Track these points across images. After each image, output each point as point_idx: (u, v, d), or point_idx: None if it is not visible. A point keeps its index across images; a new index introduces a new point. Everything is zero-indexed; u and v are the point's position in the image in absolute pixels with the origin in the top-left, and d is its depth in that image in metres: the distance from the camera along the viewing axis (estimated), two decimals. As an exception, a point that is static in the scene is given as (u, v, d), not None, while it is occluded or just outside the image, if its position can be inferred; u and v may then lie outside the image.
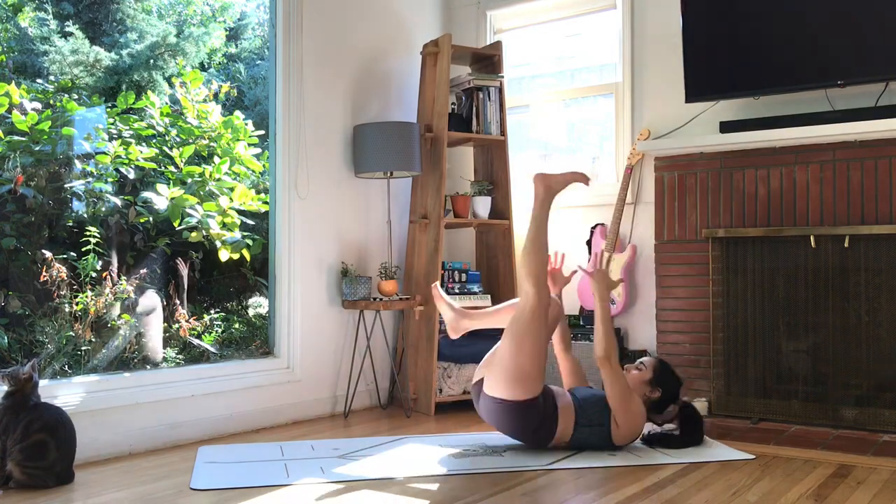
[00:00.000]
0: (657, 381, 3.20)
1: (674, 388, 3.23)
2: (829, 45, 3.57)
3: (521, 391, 2.96)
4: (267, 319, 4.10)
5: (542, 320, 3.00)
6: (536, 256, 3.04)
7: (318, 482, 2.71)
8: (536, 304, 2.97)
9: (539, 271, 3.01)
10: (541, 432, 3.05)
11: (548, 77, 4.72)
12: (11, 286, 3.60)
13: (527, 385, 2.96)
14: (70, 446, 2.72)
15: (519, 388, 2.96)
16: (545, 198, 3.15)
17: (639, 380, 3.20)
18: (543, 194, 3.16)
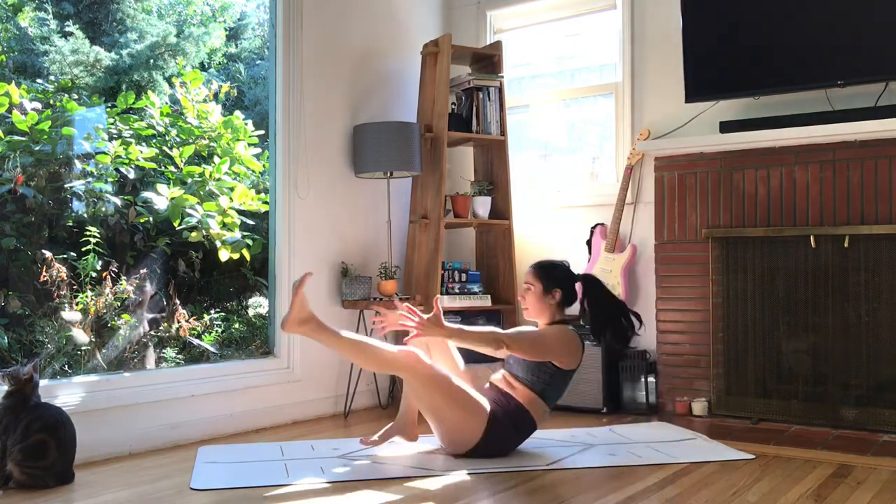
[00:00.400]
0: (547, 284, 3.12)
1: (563, 274, 3.16)
2: (829, 45, 3.57)
3: (475, 426, 2.92)
4: (267, 319, 4.10)
5: (429, 376, 2.90)
6: (366, 359, 2.97)
7: (318, 482, 2.71)
8: (414, 375, 2.90)
9: (381, 362, 2.94)
10: (522, 423, 3.02)
11: (548, 77, 4.71)
12: (11, 286, 3.60)
13: (472, 417, 2.92)
14: (70, 446, 2.71)
15: (471, 426, 2.92)
16: (310, 331, 2.98)
17: (537, 300, 3.13)
18: (307, 331, 2.98)
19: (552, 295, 3.12)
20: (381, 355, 2.92)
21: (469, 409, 2.92)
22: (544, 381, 3.03)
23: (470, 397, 2.94)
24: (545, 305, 3.13)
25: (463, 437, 2.95)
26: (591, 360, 3.95)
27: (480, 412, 2.93)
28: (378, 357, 2.92)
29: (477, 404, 2.94)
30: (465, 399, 2.92)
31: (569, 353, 3.05)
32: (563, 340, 3.05)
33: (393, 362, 2.91)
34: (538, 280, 3.14)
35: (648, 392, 3.94)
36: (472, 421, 2.92)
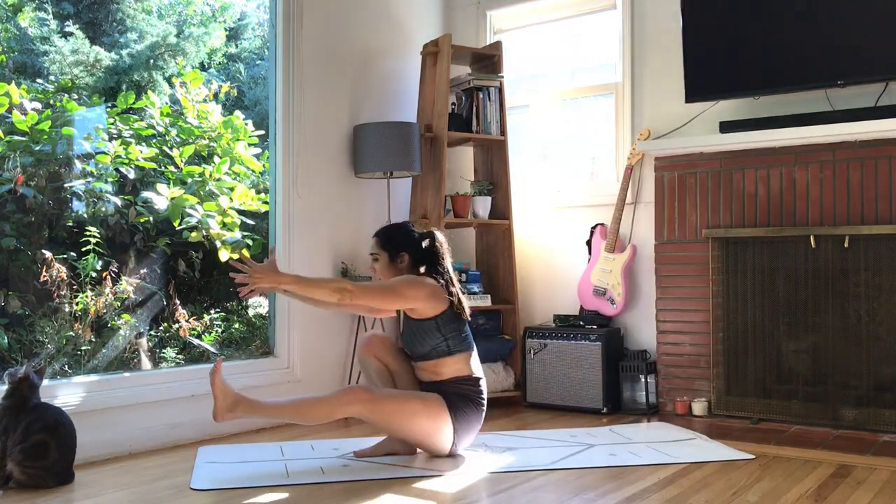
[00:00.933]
0: (393, 249, 3.05)
1: (405, 238, 3.08)
2: (829, 45, 3.57)
3: (442, 423, 2.89)
4: (267, 319, 4.10)
5: (378, 404, 2.84)
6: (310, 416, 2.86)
7: (318, 482, 2.71)
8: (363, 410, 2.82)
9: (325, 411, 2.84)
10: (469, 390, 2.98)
11: (548, 77, 4.71)
12: (11, 286, 3.60)
13: (435, 418, 2.88)
14: (70, 446, 2.71)
15: (439, 426, 2.89)
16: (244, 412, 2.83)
17: (386, 268, 3.05)
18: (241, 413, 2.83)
19: (400, 259, 3.05)
20: (323, 406, 2.83)
21: (428, 411, 2.88)
22: (441, 340, 2.96)
23: (423, 400, 2.91)
24: (396, 271, 3.05)
25: (439, 438, 2.93)
26: (591, 360, 3.95)
27: (439, 408, 2.89)
28: (320, 408, 2.84)
29: (431, 402, 2.90)
30: (420, 406, 2.88)
31: (426, 295, 2.93)
32: (412, 283, 2.95)
33: (338, 406, 2.83)
34: (382, 249, 3.06)
35: (648, 392, 3.95)
36: (437, 421, 2.89)
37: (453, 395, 2.95)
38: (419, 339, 2.99)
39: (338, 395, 2.84)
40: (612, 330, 4.06)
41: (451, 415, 2.91)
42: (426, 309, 2.95)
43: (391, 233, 3.12)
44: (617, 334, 4.11)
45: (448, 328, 2.98)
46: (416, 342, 3.01)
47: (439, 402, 2.91)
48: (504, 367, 4.23)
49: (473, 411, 2.98)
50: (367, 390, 2.87)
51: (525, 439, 3.35)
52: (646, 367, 3.94)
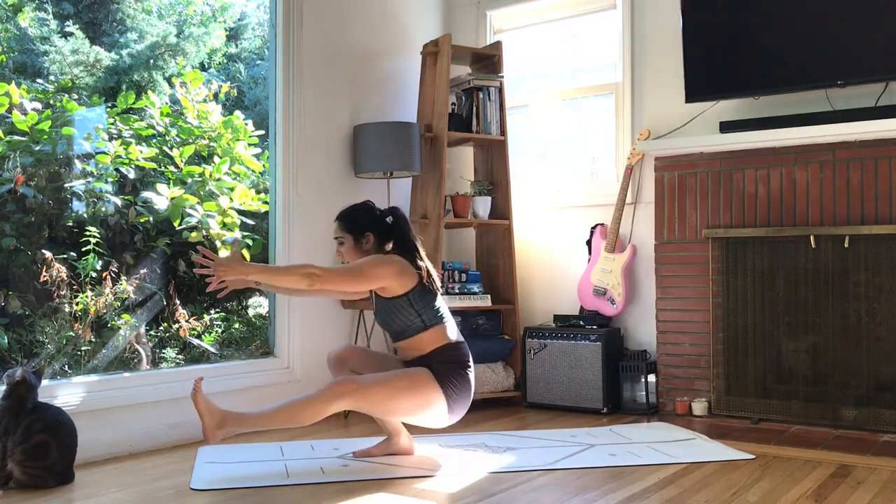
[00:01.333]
0: (357, 231, 3.01)
1: (368, 217, 3.03)
2: (829, 45, 3.57)
3: (432, 395, 2.85)
4: (267, 319, 4.10)
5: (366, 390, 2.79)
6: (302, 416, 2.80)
7: (318, 482, 2.71)
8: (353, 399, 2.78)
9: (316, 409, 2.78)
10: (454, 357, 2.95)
11: (548, 77, 4.71)
12: (11, 286, 3.60)
13: (424, 391, 2.84)
14: (71, 446, 2.72)
15: (430, 398, 2.85)
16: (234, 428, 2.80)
17: (353, 250, 3.01)
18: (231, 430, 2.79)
19: (366, 240, 3.00)
20: (312, 405, 2.78)
21: (416, 385, 2.83)
22: (415, 316, 2.93)
23: (409, 376, 2.86)
24: (362, 252, 3.00)
25: (434, 410, 2.88)
26: (591, 360, 3.95)
27: (426, 380, 2.85)
28: (310, 408, 2.78)
29: (418, 376, 2.86)
30: (407, 381, 2.84)
31: (394, 273, 2.89)
32: (379, 262, 2.90)
33: (326, 403, 2.77)
34: (346, 231, 3.02)
35: (648, 392, 3.95)
36: (428, 392, 2.84)
37: (438, 365, 2.90)
38: (392, 317, 2.96)
39: (325, 391, 2.78)
40: (612, 330, 4.06)
41: (440, 383, 2.86)
42: (396, 286, 2.90)
43: (353, 214, 3.05)
44: (617, 334, 4.11)
45: (420, 304, 2.94)
46: (389, 320, 2.98)
47: (426, 373, 2.87)
48: (504, 367, 4.23)
49: (461, 376, 2.93)
50: (352, 380, 2.80)
51: (525, 439, 3.35)
52: (646, 367, 3.94)
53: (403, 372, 2.91)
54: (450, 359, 2.94)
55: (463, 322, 4.11)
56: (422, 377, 2.87)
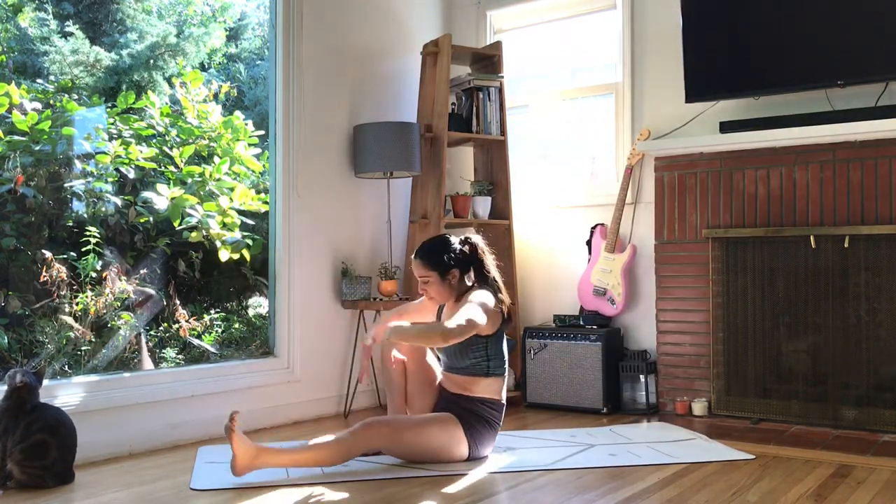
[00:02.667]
0: (443, 268, 2.97)
1: (449, 252, 2.98)
2: (829, 45, 3.57)
3: (457, 445, 2.89)
4: (267, 319, 4.10)
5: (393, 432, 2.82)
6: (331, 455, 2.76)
7: (318, 482, 2.71)
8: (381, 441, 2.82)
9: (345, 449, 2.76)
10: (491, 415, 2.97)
11: (548, 77, 4.71)
12: (11, 286, 3.60)
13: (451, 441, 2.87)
14: (70, 446, 2.72)
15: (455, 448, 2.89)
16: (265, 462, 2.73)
17: (440, 287, 2.98)
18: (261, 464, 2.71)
19: (451, 276, 2.97)
20: (343, 446, 2.75)
21: (446, 435, 2.87)
22: (484, 359, 2.95)
23: (440, 424, 2.89)
24: (449, 288, 2.99)
25: (453, 458, 2.91)
26: (591, 360, 3.95)
27: (455, 432, 2.88)
28: (341, 449, 2.75)
29: (448, 425, 2.89)
30: (438, 429, 2.87)
31: (494, 312, 2.91)
32: (486, 300, 2.89)
33: (358, 445, 2.77)
34: (430, 269, 2.97)
35: (648, 392, 3.94)
36: (454, 444, 2.89)
37: (472, 415, 2.94)
38: (463, 352, 2.96)
39: (356, 432, 2.76)
40: (612, 330, 4.06)
41: (467, 435, 2.91)
42: (489, 327, 2.90)
43: (435, 251, 3.00)
44: (617, 334, 4.11)
45: (494, 348, 2.98)
46: (457, 353, 2.97)
47: (455, 423, 2.90)
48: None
49: (489, 433, 2.98)
50: (385, 423, 2.84)
51: (525, 439, 3.35)
52: (646, 367, 3.94)
53: (435, 420, 2.91)
54: (487, 416, 2.97)
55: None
56: (451, 427, 2.89)
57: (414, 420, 2.92)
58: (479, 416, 2.95)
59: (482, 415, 2.95)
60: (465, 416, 2.93)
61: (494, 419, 2.99)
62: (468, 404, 2.96)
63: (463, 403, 2.96)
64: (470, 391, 2.97)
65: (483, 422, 2.95)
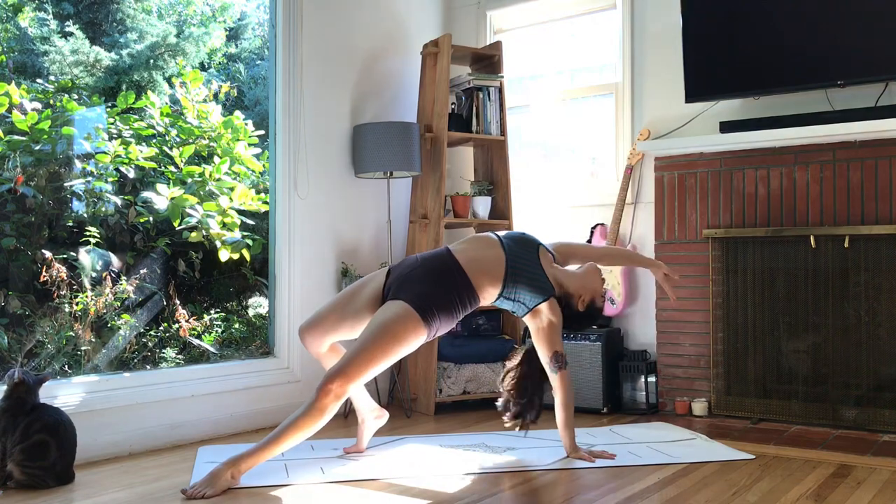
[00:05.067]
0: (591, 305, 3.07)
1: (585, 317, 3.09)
2: (829, 45, 3.57)
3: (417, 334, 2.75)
4: (267, 319, 4.10)
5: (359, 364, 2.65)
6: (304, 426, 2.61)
7: (318, 482, 2.71)
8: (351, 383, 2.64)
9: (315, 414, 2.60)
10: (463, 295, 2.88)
11: (548, 77, 4.71)
12: (11, 286, 3.60)
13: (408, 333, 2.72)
14: (70, 446, 2.72)
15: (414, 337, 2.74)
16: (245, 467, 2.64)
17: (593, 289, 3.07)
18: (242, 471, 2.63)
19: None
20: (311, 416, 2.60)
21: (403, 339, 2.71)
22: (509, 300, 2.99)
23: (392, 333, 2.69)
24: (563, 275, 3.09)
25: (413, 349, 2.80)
26: (591, 360, 3.95)
27: (412, 329, 2.72)
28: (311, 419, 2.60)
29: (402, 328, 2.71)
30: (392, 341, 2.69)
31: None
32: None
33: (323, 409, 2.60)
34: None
35: (648, 392, 3.95)
36: (412, 340, 2.74)
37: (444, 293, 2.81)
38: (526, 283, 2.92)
39: (316, 400, 2.59)
40: (612, 330, 4.06)
41: (426, 322, 2.75)
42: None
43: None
44: (617, 334, 4.11)
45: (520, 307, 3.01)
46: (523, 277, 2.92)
47: (410, 319, 2.72)
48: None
49: (447, 318, 2.84)
50: (338, 374, 2.61)
51: (525, 439, 3.35)
52: (646, 367, 3.94)
53: (383, 325, 2.70)
54: (460, 304, 2.85)
55: (463, 322, 4.11)
56: (405, 326, 2.71)
57: (366, 347, 2.67)
58: (452, 301, 2.83)
59: (457, 302, 2.84)
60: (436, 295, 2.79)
61: (462, 310, 2.88)
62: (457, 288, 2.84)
63: (452, 282, 2.84)
64: (478, 285, 2.89)
65: (451, 307, 2.82)
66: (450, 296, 2.84)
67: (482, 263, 2.92)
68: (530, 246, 3.04)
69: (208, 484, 2.56)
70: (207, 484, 2.56)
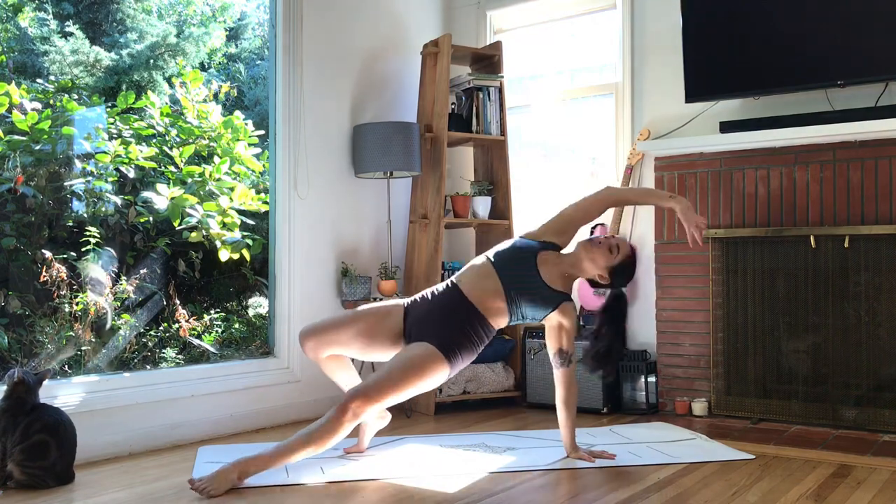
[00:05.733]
0: (615, 273, 3.03)
1: (621, 282, 3.08)
2: (829, 46, 3.57)
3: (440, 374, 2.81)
4: (267, 319, 4.10)
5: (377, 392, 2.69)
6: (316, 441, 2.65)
7: (318, 482, 2.71)
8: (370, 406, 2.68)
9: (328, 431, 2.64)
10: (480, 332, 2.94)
11: (548, 77, 4.71)
12: (11, 286, 3.60)
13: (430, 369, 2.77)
14: (70, 446, 2.72)
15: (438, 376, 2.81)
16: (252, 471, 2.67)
17: (602, 263, 3.01)
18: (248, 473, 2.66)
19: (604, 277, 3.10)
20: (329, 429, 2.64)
21: (425, 374, 2.75)
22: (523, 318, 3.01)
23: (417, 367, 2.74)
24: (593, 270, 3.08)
25: (432, 387, 2.84)
26: (591, 360, 3.95)
27: (435, 366, 2.77)
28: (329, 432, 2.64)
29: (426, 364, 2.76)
30: (415, 375, 2.73)
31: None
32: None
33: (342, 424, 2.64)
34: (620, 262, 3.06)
35: (648, 392, 3.94)
36: (434, 378, 2.79)
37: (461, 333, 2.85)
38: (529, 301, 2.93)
39: (335, 416, 2.64)
40: (612, 330, 4.06)
41: (449, 361, 2.80)
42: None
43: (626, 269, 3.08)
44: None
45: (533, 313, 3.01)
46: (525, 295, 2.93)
47: (434, 357, 2.78)
48: (504, 367, 4.23)
49: (469, 354, 2.88)
50: (362, 394, 2.66)
51: (525, 439, 3.36)
52: (646, 367, 3.94)
53: (410, 365, 2.76)
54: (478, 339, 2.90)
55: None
56: (428, 363, 2.77)
57: (393, 378, 2.72)
58: (470, 338, 2.87)
59: (474, 338, 2.88)
60: (455, 336, 2.84)
61: (482, 343, 2.93)
62: (471, 325, 2.89)
63: (466, 320, 2.89)
64: (490, 315, 2.92)
65: (469, 345, 2.87)
66: (466, 332, 2.89)
67: (484, 294, 2.94)
68: (527, 257, 2.98)
69: (214, 481, 2.56)
70: (213, 481, 2.56)
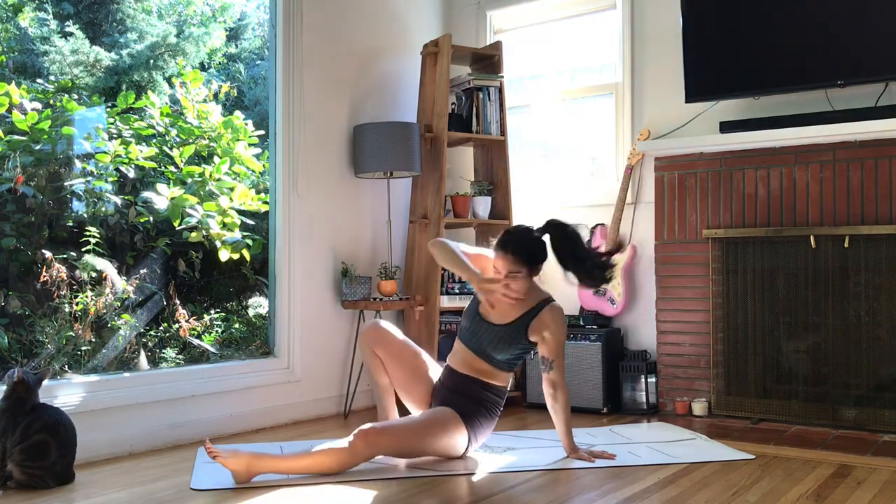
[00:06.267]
0: (536, 265, 2.90)
1: (543, 247, 2.88)
2: (829, 45, 3.57)
3: (457, 440, 2.91)
4: (267, 319, 4.10)
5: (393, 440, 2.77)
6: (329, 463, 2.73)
7: (319, 482, 2.71)
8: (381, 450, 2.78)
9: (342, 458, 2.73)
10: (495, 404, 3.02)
11: (548, 77, 4.71)
12: (11, 286, 3.60)
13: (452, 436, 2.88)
14: (70, 446, 2.72)
15: (455, 442, 2.91)
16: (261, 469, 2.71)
17: (526, 284, 2.89)
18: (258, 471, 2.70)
19: (537, 269, 2.93)
20: (342, 456, 2.72)
21: (446, 435, 2.88)
22: (517, 361, 3.05)
23: (439, 425, 2.87)
24: (532, 284, 2.96)
25: (452, 455, 2.95)
26: (591, 360, 3.95)
27: (456, 430, 2.90)
28: (338, 460, 2.73)
29: (448, 422, 2.89)
30: (437, 431, 2.86)
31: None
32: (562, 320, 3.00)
33: (356, 455, 2.73)
34: (525, 265, 2.87)
35: (648, 392, 3.94)
36: (454, 441, 2.91)
37: (477, 405, 2.96)
38: (501, 348, 2.97)
39: (354, 445, 2.72)
40: (612, 330, 4.06)
41: (469, 429, 2.93)
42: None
43: (533, 248, 2.88)
44: (617, 334, 4.11)
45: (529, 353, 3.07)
46: (495, 348, 2.97)
47: (455, 420, 2.90)
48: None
49: (488, 424, 3.02)
50: (382, 432, 2.75)
51: (525, 439, 3.36)
52: (646, 367, 3.94)
53: (434, 420, 2.90)
54: (489, 402, 3.00)
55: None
56: (451, 424, 2.90)
57: (413, 426, 2.88)
58: (484, 405, 2.97)
59: (488, 404, 2.98)
60: (470, 406, 2.95)
61: (498, 407, 3.04)
62: (478, 392, 2.98)
63: (472, 391, 2.98)
64: (486, 377, 3.00)
65: (486, 412, 2.98)
66: (477, 399, 2.98)
67: (467, 363, 3.04)
68: (472, 315, 3.04)
69: (229, 454, 2.64)
70: (228, 453, 2.64)
